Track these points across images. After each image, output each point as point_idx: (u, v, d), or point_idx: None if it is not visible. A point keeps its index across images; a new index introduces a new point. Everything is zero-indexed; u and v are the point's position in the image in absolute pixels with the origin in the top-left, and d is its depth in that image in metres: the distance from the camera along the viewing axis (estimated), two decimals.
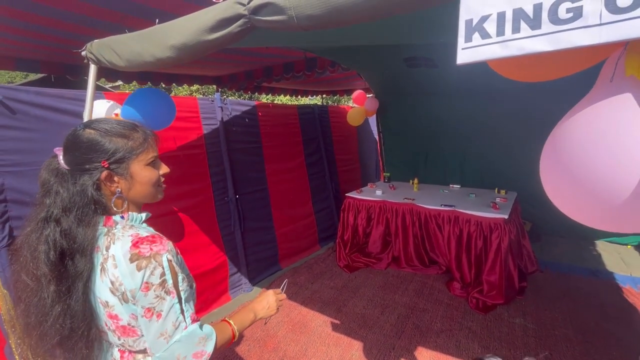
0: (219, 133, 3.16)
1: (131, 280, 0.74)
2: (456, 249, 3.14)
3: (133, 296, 0.75)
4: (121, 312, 0.78)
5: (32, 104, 2.00)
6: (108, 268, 0.76)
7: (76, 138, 0.81)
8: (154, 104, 2.00)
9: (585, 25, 0.58)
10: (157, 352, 0.77)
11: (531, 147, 3.64)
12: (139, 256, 0.75)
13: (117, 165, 0.81)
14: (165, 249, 0.78)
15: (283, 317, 2.79)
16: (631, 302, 2.80)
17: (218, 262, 3.07)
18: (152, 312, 0.75)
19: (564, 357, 2.21)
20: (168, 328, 0.76)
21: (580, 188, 0.68)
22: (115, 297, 0.77)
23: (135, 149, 0.83)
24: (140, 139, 0.85)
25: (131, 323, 0.78)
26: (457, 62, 0.72)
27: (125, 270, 0.75)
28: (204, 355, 0.81)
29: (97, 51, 1.65)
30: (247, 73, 4.62)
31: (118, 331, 0.80)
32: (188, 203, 2.87)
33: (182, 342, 0.78)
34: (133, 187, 0.84)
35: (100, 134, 0.81)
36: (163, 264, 0.76)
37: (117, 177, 0.82)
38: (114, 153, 0.80)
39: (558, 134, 0.76)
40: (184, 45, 1.33)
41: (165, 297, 0.76)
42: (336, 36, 2.09)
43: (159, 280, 0.75)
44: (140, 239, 0.77)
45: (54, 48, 2.83)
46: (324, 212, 4.50)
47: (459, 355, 2.27)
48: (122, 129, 0.84)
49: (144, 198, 0.88)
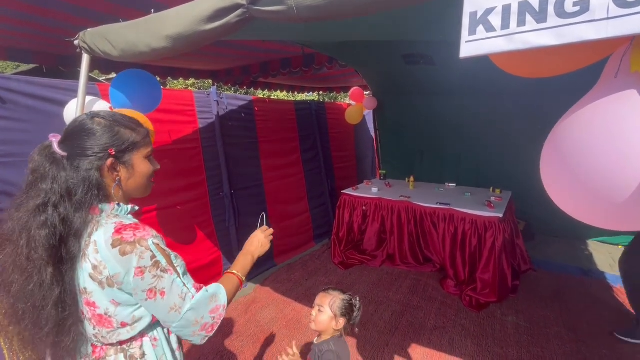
0: (214, 127, 3.12)
1: (116, 264, 0.76)
2: (451, 247, 3.15)
3: (118, 281, 0.77)
4: (100, 298, 0.78)
5: (23, 94, 1.96)
6: (89, 254, 0.77)
7: (84, 125, 0.82)
8: (140, 86, 1.96)
9: (592, 19, 0.57)
10: (173, 323, 0.81)
11: (527, 146, 3.68)
12: (121, 241, 0.76)
13: (122, 155, 0.84)
14: (149, 234, 0.80)
15: (277, 313, 2.78)
16: (621, 301, 2.83)
17: (212, 258, 3.05)
18: (155, 292, 0.78)
19: (556, 354, 2.23)
20: (176, 301, 0.80)
21: (582, 186, 0.67)
22: (95, 283, 0.77)
23: (139, 142, 0.88)
24: (143, 134, 0.90)
25: (108, 311, 0.79)
26: (460, 55, 0.71)
27: (107, 255, 0.76)
28: (220, 308, 0.86)
29: (90, 40, 1.61)
30: (244, 68, 4.58)
31: (94, 320, 0.80)
32: (183, 198, 2.84)
33: (195, 309, 0.82)
34: (132, 177, 0.87)
35: (110, 123, 0.84)
36: (150, 248, 0.78)
37: (120, 166, 0.85)
38: (122, 143, 0.84)
39: (560, 130, 0.75)
40: (180, 36, 1.30)
41: (162, 275, 0.79)
42: (335, 30, 2.07)
43: (151, 262, 0.78)
44: (123, 226, 0.79)
45: (47, 38, 2.77)
46: (319, 208, 4.49)
47: (452, 352, 2.28)
48: (129, 122, 0.89)
49: (137, 190, 0.91)
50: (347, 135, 5.42)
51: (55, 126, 1.99)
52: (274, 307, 2.87)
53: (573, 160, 0.69)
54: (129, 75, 1.94)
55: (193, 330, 0.83)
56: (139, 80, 1.96)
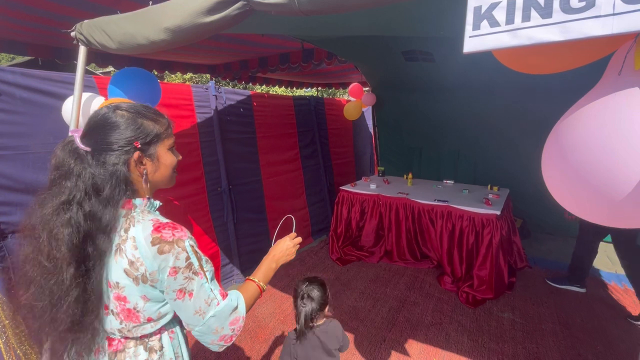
0: (212, 122, 3.10)
1: (153, 262, 0.76)
2: (448, 243, 3.16)
3: (153, 278, 0.77)
4: (131, 293, 0.78)
5: (18, 86, 1.93)
6: (126, 249, 0.77)
7: (107, 119, 0.80)
8: (139, 84, 1.94)
9: (598, 15, 0.57)
10: (195, 327, 0.82)
11: (524, 145, 3.69)
12: (161, 240, 0.77)
13: (147, 147, 0.83)
14: (186, 235, 0.81)
15: (275, 308, 2.79)
16: (615, 298, 2.87)
17: (210, 253, 3.04)
18: (184, 292, 0.79)
19: (550, 350, 2.25)
20: (202, 305, 0.81)
21: (585, 184, 0.67)
22: (130, 278, 0.77)
23: (162, 133, 0.86)
24: (165, 124, 0.89)
25: (137, 306, 0.80)
26: (463, 50, 0.70)
27: (147, 252, 0.76)
28: (239, 320, 0.87)
29: (87, 32, 1.59)
30: (242, 63, 4.54)
31: (122, 314, 0.81)
32: (180, 192, 2.82)
33: (217, 316, 0.83)
34: (158, 170, 0.87)
35: (133, 115, 0.82)
36: (187, 249, 0.79)
37: (145, 159, 0.83)
38: (147, 135, 0.83)
39: (562, 128, 0.74)
40: (179, 28, 1.28)
41: (193, 277, 0.80)
42: (336, 25, 2.06)
43: (185, 263, 0.79)
44: (161, 224, 0.79)
45: (42, 30, 2.72)
46: (317, 204, 4.49)
47: (448, 348, 2.30)
48: (152, 113, 0.87)
49: (163, 182, 0.91)
50: (346, 132, 5.41)
51: (51, 119, 1.97)
52: (271, 302, 2.88)
53: (576, 158, 0.69)
54: (127, 73, 1.93)
55: (212, 339, 0.84)
56: (139, 79, 1.95)
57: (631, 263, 2.57)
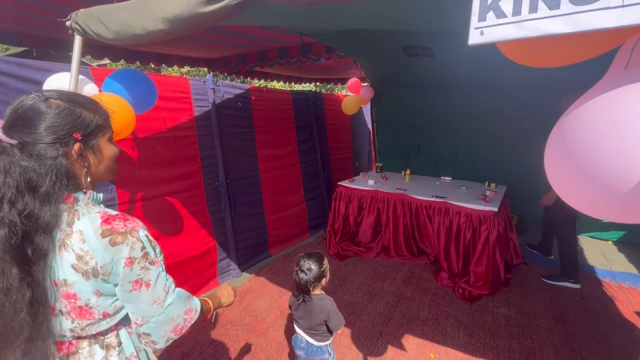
0: (210, 116, 3.07)
1: (105, 254, 0.73)
2: (445, 239, 3.17)
3: (105, 271, 0.74)
4: (82, 289, 0.74)
5: (12, 76, 1.89)
6: (72, 243, 0.72)
7: (38, 108, 0.73)
8: (136, 88, 1.94)
9: (607, 7, 0.56)
10: (152, 318, 0.80)
11: (523, 142, 3.69)
12: (112, 231, 0.74)
13: (88, 139, 0.79)
14: (139, 225, 0.79)
15: (272, 302, 2.79)
16: (610, 295, 2.90)
17: (207, 247, 3.03)
18: (141, 283, 0.78)
19: (545, 346, 2.27)
20: (159, 294, 0.80)
21: (589, 179, 0.66)
22: (79, 274, 0.73)
23: (102, 124, 0.82)
24: (105, 115, 0.84)
25: (89, 302, 0.76)
26: (468, 42, 0.69)
27: (97, 245, 0.73)
28: (192, 311, 0.87)
29: (82, 21, 1.56)
30: (241, 56, 4.50)
31: (74, 312, 0.76)
32: (177, 186, 2.80)
33: (175, 303, 0.83)
34: (101, 162, 0.83)
35: (69, 105, 0.76)
36: (141, 239, 0.78)
37: (87, 152, 0.79)
38: (87, 126, 0.78)
39: (566, 122, 0.74)
40: (177, 18, 1.26)
41: (150, 267, 0.79)
42: (336, 17, 2.03)
43: (141, 253, 0.77)
44: (110, 216, 0.76)
45: (37, 20, 2.67)
46: (315, 200, 4.48)
47: (444, 343, 2.31)
48: (90, 103, 0.82)
49: (105, 174, 0.87)
50: (344, 127, 5.39)
51: None
52: (268, 297, 2.88)
53: (580, 153, 0.68)
54: (127, 74, 1.93)
55: (165, 330, 0.82)
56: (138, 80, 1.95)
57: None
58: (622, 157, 0.61)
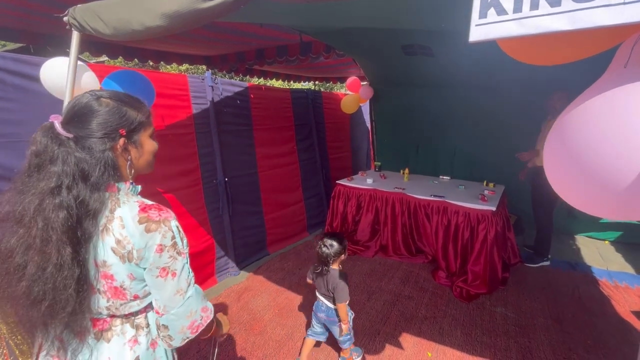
0: (209, 113, 3.06)
1: (140, 240, 0.80)
2: (443, 238, 3.18)
3: (139, 256, 0.80)
4: (118, 271, 0.81)
5: (10, 72, 1.88)
6: (113, 228, 0.80)
7: (91, 106, 0.82)
8: (134, 88, 1.94)
9: (608, 4, 0.56)
10: (172, 309, 0.84)
11: (521, 142, 3.70)
12: (148, 219, 0.81)
13: (132, 135, 0.87)
14: (172, 216, 0.85)
15: (270, 301, 2.79)
16: (606, 294, 2.91)
17: (205, 245, 3.03)
18: (167, 271, 0.83)
19: (542, 344, 2.28)
20: (183, 285, 0.85)
21: (588, 178, 0.66)
22: (117, 257, 0.80)
23: (144, 122, 0.90)
24: (147, 112, 0.92)
25: (124, 284, 0.82)
26: (469, 39, 0.68)
27: (134, 230, 0.79)
28: (208, 310, 0.93)
29: (80, 17, 1.54)
30: (239, 54, 4.48)
31: (109, 292, 0.83)
32: (175, 184, 2.79)
33: (194, 297, 0.87)
34: (142, 156, 0.91)
35: (117, 104, 0.85)
36: (172, 229, 0.83)
37: (130, 146, 0.87)
38: (132, 122, 0.86)
39: (565, 121, 0.73)
40: (176, 13, 1.25)
41: (177, 257, 0.84)
42: (336, 15, 2.02)
43: (171, 242, 0.83)
44: (147, 206, 0.84)
45: (34, 16, 2.65)
46: (313, 198, 4.48)
47: (442, 341, 2.32)
48: (135, 101, 0.90)
49: (145, 168, 0.95)
50: (343, 126, 5.39)
51: (44, 105, 1.92)
52: (266, 295, 2.88)
53: (579, 152, 0.68)
54: (126, 74, 1.92)
55: (182, 325, 0.86)
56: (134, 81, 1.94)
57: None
58: (622, 155, 0.61)
